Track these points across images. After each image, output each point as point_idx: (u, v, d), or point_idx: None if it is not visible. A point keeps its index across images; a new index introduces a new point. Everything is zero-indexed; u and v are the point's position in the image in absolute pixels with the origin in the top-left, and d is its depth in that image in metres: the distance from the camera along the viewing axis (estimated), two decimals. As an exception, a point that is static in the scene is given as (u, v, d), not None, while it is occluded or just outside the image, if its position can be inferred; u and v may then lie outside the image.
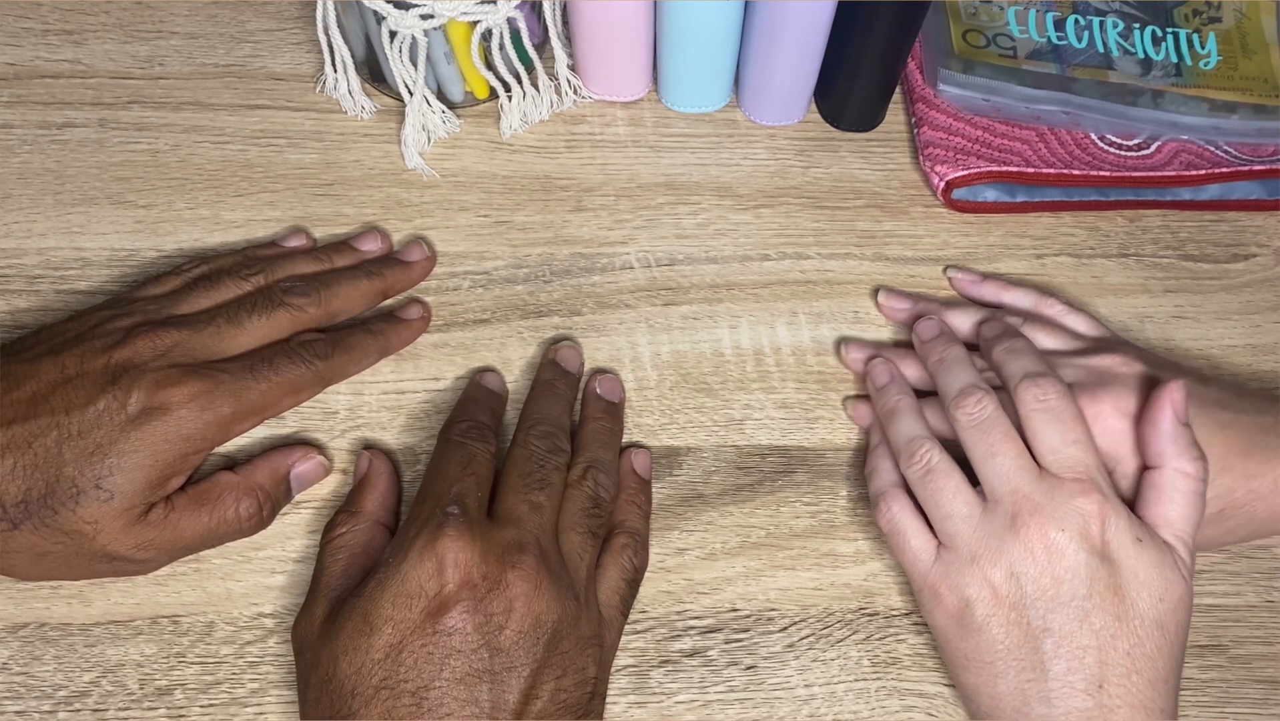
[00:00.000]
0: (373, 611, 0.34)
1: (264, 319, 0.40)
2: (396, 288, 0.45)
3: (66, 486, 0.35)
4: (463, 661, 0.33)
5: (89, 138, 0.48)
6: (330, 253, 0.44)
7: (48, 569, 0.37)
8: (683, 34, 0.46)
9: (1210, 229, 0.49)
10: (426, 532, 0.35)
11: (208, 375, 0.38)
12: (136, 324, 0.38)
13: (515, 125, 0.49)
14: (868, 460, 0.42)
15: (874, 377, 0.43)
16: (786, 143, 0.50)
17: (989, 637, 0.35)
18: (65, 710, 0.38)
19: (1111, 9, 0.51)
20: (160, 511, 0.37)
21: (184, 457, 0.37)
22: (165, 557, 0.38)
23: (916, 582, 0.38)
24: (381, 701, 0.32)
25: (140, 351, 0.37)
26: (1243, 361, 0.46)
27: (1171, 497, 0.36)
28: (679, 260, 0.47)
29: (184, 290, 0.41)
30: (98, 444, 0.36)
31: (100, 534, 0.36)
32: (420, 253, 0.46)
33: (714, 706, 0.39)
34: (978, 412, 0.37)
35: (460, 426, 0.39)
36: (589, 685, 0.35)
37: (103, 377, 0.36)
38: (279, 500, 0.41)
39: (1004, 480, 0.36)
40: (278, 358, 0.40)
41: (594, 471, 0.39)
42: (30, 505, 0.35)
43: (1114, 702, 0.34)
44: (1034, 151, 0.48)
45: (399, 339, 0.44)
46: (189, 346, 0.38)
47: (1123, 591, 0.34)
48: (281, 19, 0.52)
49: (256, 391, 0.39)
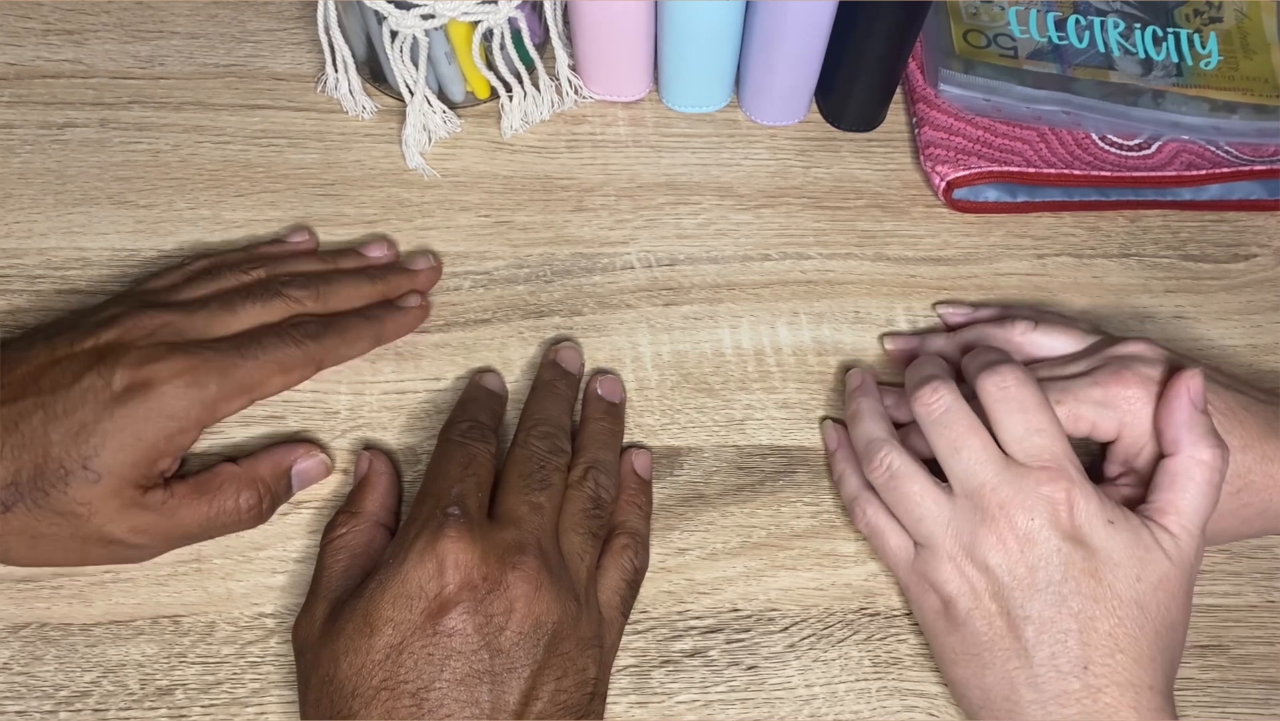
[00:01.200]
0: (373, 612, 0.34)
1: (259, 306, 0.40)
2: (398, 293, 0.44)
3: (54, 467, 0.35)
4: (463, 662, 0.33)
5: (90, 138, 0.48)
6: (335, 256, 0.44)
7: (43, 552, 0.36)
8: (683, 34, 0.46)
9: (1211, 229, 0.49)
10: (427, 533, 0.34)
11: (193, 352, 0.37)
12: (128, 309, 0.38)
13: (516, 125, 0.49)
14: (832, 465, 0.42)
15: (849, 382, 0.43)
16: (787, 143, 0.50)
17: (973, 630, 0.36)
18: (66, 710, 0.38)
19: (1112, 9, 0.51)
20: (159, 496, 0.37)
21: (170, 437, 0.37)
22: (163, 545, 0.38)
23: (901, 581, 0.39)
24: (382, 702, 0.32)
25: (129, 331, 0.37)
26: (1244, 361, 0.46)
27: (1185, 485, 0.36)
28: (680, 260, 0.47)
29: (184, 283, 0.41)
30: (82, 423, 0.35)
31: (95, 515, 0.36)
32: (426, 262, 0.45)
33: (715, 706, 0.39)
34: (936, 404, 0.37)
35: (461, 426, 0.39)
36: (589, 686, 0.35)
37: (90, 357, 0.36)
38: (279, 495, 0.40)
39: (970, 474, 0.36)
40: (266, 336, 0.39)
41: (595, 472, 0.39)
42: (20, 487, 0.35)
43: (1100, 682, 0.34)
44: (1035, 151, 0.48)
45: (395, 326, 0.43)
46: (178, 327, 0.38)
47: (1098, 574, 0.35)
48: (282, 19, 0.52)
49: (244, 369, 0.38)
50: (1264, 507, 0.39)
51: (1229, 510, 0.39)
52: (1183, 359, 0.40)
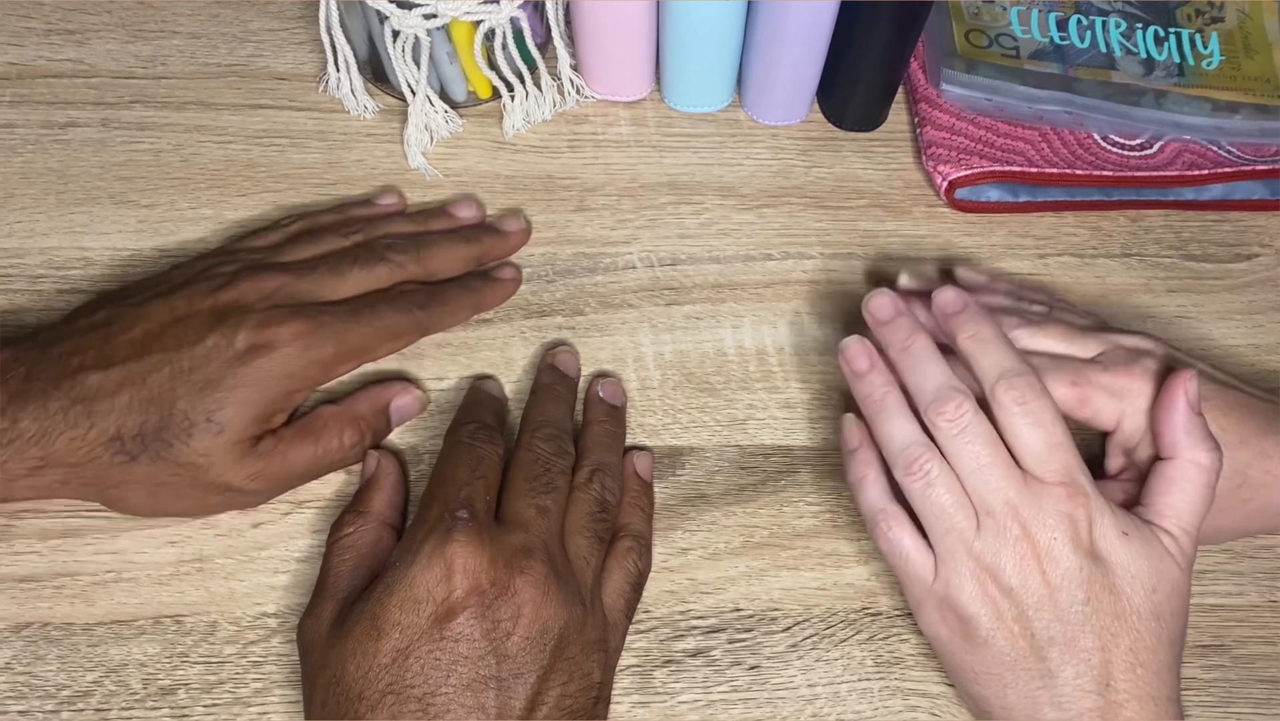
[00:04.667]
0: (380, 616, 0.34)
1: (365, 271, 0.41)
2: (491, 255, 0.45)
3: (179, 420, 0.36)
4: (469, 667, 0.33)
5: (91, 137, 0.48)
6: (427, 217, 0.45)
7: (163, 502, 0.38)
8: (685, 34, 0.46)
9: (1213, 229, 0.49)
10: (435, 537, 0.34)
11: (311, 315, 0.39)
12: (241, 269, 0.40)
13: (518, 125, 0.49)
14: (850, 466, 0.39)
15: (851, 361, 0.39)
16: (789, 142, 0.50)
17: (995, 650, 0.35)
18: (68, 710, 0.38)
19: (1114, 9, 0.51)
20: (269, 443, 0.38)
21: (288, 395, 0.38)
22: (276, 488, 0.40)
23: (917, 597, 0.37)
24: (388, 706, 0.32)
25: (245, 293, 0.39)
26: (1246, 361, 0.46)
27: (1183, 488, 0.36)
28: (682, 260, 0.47)
29: (286, 242, 0.42)
30: (207, 379, 0.37)
31: (214, 466, 0.37)
32: (517, 224, 0.46)
33: (717, 706, 0.39)
34: (960, 420, 0.36)
35: (468, 428, 0.39)
36: (594, 690, 0.35)
37: (211, 317, 0.38)
38: (380, 431, 0.42)
39: (995, 492, 0.35)
40: (379, 303, 0.41)
41: (600, 475, 0.39)
42: (146, 438, 0.36)
43: (1122, 698, 0.34)
44: (1037, 151, 0.48)
45: (492, 296, 0.45)
46: (292, 290, 0.39)
47: (1117, 589, 0.35)
48: (284, 19, 0.52)
49: (358, 334, 0.40)
50: (1264, 504, 0.39)
51: (1228, 506, 0.39)
52: (1183, 356, 0.40)
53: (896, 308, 0.39)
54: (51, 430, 0.36)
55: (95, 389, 0.36)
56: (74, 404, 0.36)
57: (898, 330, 0.38)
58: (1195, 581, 0.42)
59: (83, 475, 0.37)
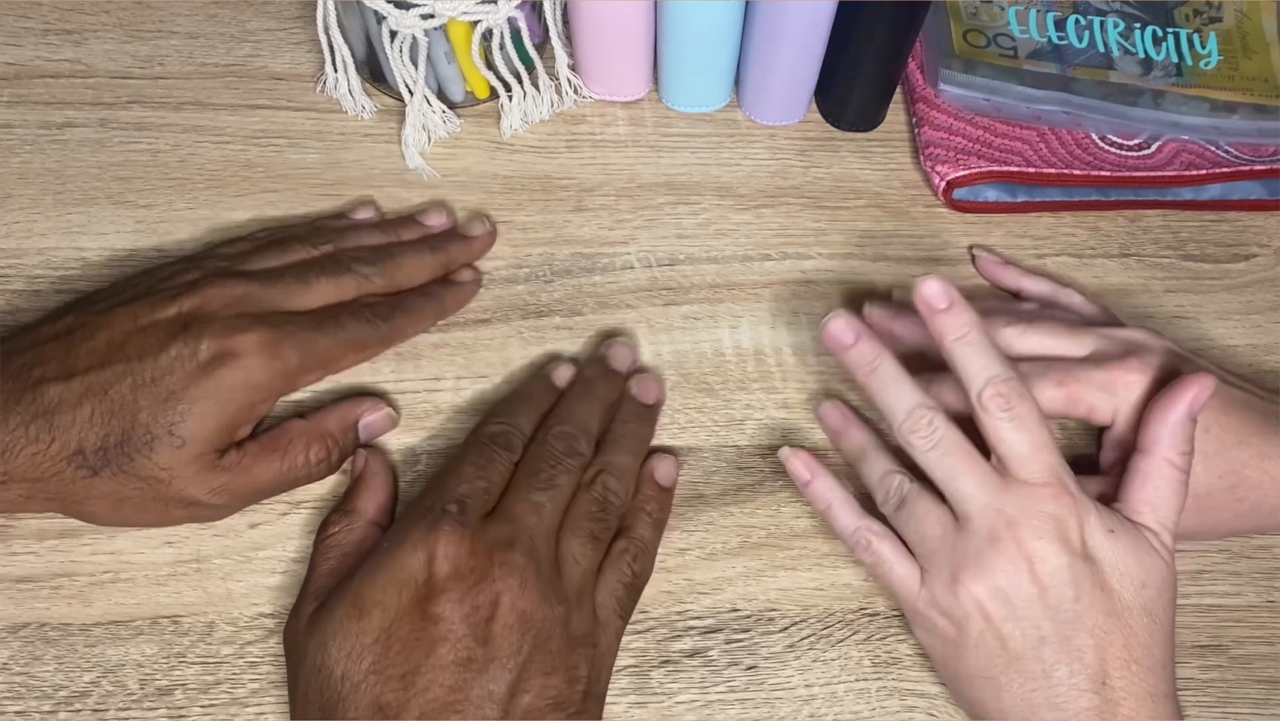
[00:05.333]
0: (364, 595, 0.34)
1: (331, 282, 0.41)
2: (458, 262, 0.45)
3: (141, 433, 0.36)
4: (449, 649, 0.33)
5: (89, 137, 0.48)
6: (397, 226, 0.45)
7: (126, 515, 0.38)
8: (683, 34, 0.46)
9: (1211, 229, 0.49)
10: (423, 525, 0.35)
11: (276, 325, 0.38)
12: (206, 275, 0.39)
13: (516, 125, 0.49)
14: (813, 498, 0.40)
15: (827, 423, 0.42)
16: (787, 142, 0.50)
17: (987, 654, 0.35)
18: (65, 710, 0.38)
19: (1112, 9, 0.51)
20: (234, 457, 0.38)
21: (251, 406, 0.38)
22: (239, 502, 0.39)
23: (907, 608, 0.38)
24: (370, 686, 0.33)
25: (210, 300, 0.38)
26: (1244, 361, 0.46)
27: (1156, 485, 0.36)
28: (680, 260, 0.47)
29: (254, 251, 0.42)
30: (170, 390, 0.36)
31: (175, 480, 0.37)
32: (481, 228, 0.46)
33: (715, 706, 0.39)
34: (933, 435, 0.36)
35: (492, 429, 0.39)
36: (580, 684, 0.35)
37: (174, 325, 0.37)
38: (347, 448, 0.41)
39: (973, 498, 0.35)
40: (343, 315, 0.41)
41: (605, 476, 0.39)
42: (108, 451, 0.36)
43: (1118, 695, 0.34)
44: (1035, 151, 0.48)
45: (454, 301, 0.45)
46: (257, 298, 0.39)
47: (1108, 586, 0.35)
48: (282, 19, 0.52)
49: (323, 345, 0.40)
50: (1259, 503, 0.39)
51: (1221, 505, 0.39)
52: (1187, 354, 0.40)
53: (856, 331, 0.38)
54: (12, 446, 0.35)
55: (56, 401, 0.36)
56: (35, 418, 0.35)
57: (862, 354, 0.38)
58: (1193, 581, 0.42)
59: (46, 490, 0.36)
